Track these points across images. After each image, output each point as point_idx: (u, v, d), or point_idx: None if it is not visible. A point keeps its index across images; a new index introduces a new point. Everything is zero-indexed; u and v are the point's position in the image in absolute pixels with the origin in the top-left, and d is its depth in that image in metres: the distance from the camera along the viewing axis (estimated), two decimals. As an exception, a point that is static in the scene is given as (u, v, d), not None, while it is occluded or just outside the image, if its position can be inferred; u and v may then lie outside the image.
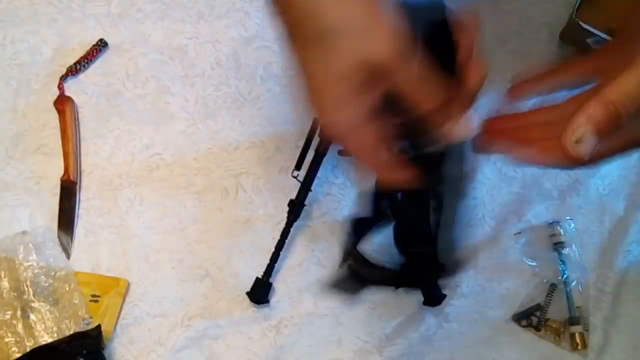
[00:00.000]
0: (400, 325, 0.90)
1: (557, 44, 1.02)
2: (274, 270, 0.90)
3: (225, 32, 1.00)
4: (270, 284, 0.90)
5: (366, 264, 0.78)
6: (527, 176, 0.96)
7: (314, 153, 0.91)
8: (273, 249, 0.89)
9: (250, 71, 0.99)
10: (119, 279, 0.89)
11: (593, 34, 0.93)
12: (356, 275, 0.77)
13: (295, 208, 0.90)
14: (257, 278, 0.89)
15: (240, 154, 0.96)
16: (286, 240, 0.90)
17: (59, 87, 0.96)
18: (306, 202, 0.90)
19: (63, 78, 0.96)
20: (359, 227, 0.79)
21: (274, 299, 0.90)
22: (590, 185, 0.96)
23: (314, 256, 0.92)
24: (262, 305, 0.89)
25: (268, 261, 0.89)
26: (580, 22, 0.93)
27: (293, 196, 0.90)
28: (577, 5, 0.95)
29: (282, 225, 0.90)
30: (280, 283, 0.91)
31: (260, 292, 0.89)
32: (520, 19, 1.03)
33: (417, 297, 0.89)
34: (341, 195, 0.94)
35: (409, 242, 0.79)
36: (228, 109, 0.96)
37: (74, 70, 0.97)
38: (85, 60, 0.97)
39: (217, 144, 0.96)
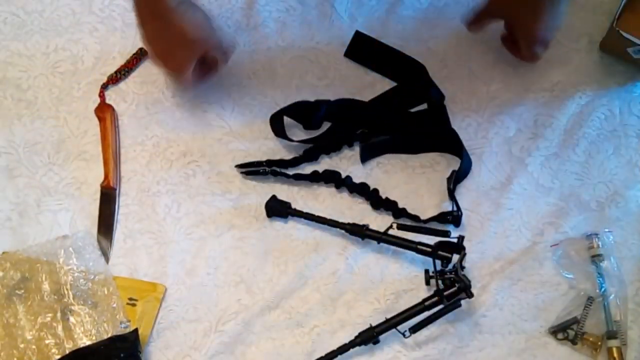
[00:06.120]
0: (433, 335, 0.89)
1: (597, 52, 1.01)
2: (308, 277, 0.91)
3: (261, 42, 1.02)
4: None
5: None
6: (564, 187, 0.95)
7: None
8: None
9: (285, 81, 1.00)
10: (157, 284, 0.91)
11: (634, 43, 0.92)
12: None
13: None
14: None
15: (275, 161, 0.97)
16: (319, 248, 0.91)
17: (99, 95, 0.98)
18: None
19: (104, 86, 0.99)
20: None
21: (306, 306, 0.91)
22: (629, 197, 0.94)
23: (348, 265, 0.92)
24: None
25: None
26: (621, 31, 0.92)
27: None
28: (617, 14, 0.93)
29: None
30: (314, 291, 0.91)
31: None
32: (559, 28, 1.02)
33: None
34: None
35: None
36: (264, 118, 0.97)
37: (115, 78, 0.99)
38: (126, 69, 0.99)
39: (253, 152, 0.97)
